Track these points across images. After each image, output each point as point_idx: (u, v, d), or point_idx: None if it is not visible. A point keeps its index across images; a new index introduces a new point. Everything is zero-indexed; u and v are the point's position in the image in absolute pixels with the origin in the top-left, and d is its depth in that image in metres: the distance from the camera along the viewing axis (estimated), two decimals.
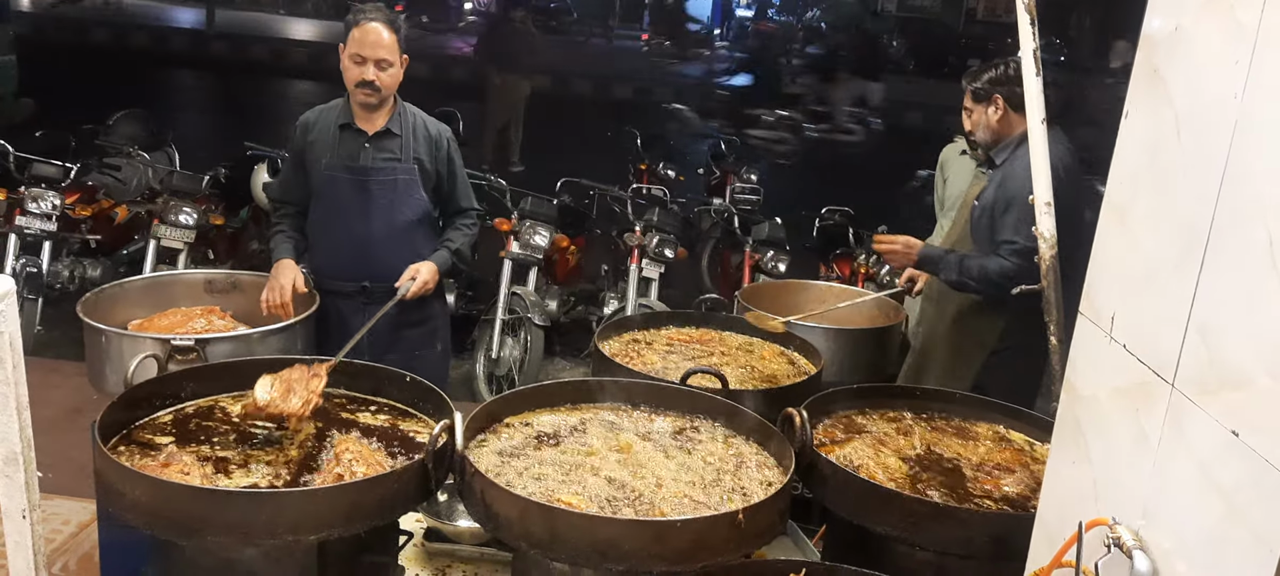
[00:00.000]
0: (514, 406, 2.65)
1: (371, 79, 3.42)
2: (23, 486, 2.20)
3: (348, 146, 3.56)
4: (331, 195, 3.57)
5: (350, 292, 3.59)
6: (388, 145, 3.56)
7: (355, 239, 3.57)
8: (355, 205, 3.55)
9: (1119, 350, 1.68)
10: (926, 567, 2.29)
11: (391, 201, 3.56)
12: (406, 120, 3.59)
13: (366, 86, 3.43)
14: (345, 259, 3.59)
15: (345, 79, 3.49)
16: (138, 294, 3.52)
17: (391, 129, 3.56)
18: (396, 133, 3.56)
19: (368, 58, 3.42)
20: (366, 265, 3.57)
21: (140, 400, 2.53)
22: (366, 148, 3.55)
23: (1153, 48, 1.67)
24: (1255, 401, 1.34)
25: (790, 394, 2.88)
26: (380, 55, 3.42)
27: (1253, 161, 1.39)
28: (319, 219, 3.63)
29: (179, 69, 17.58)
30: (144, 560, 2.51)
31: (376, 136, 3.55)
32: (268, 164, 6.58)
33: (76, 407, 4.78)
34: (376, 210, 3.55)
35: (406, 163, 3.57)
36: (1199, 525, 1.45)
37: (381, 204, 3.56)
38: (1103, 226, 1.77)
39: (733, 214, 6.96)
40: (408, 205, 3.59)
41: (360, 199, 3.55)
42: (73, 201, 6.24)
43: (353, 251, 3.58)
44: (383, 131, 3.55)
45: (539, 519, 2.07)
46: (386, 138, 3.56)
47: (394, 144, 3.56)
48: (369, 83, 3.42)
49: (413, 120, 3.61)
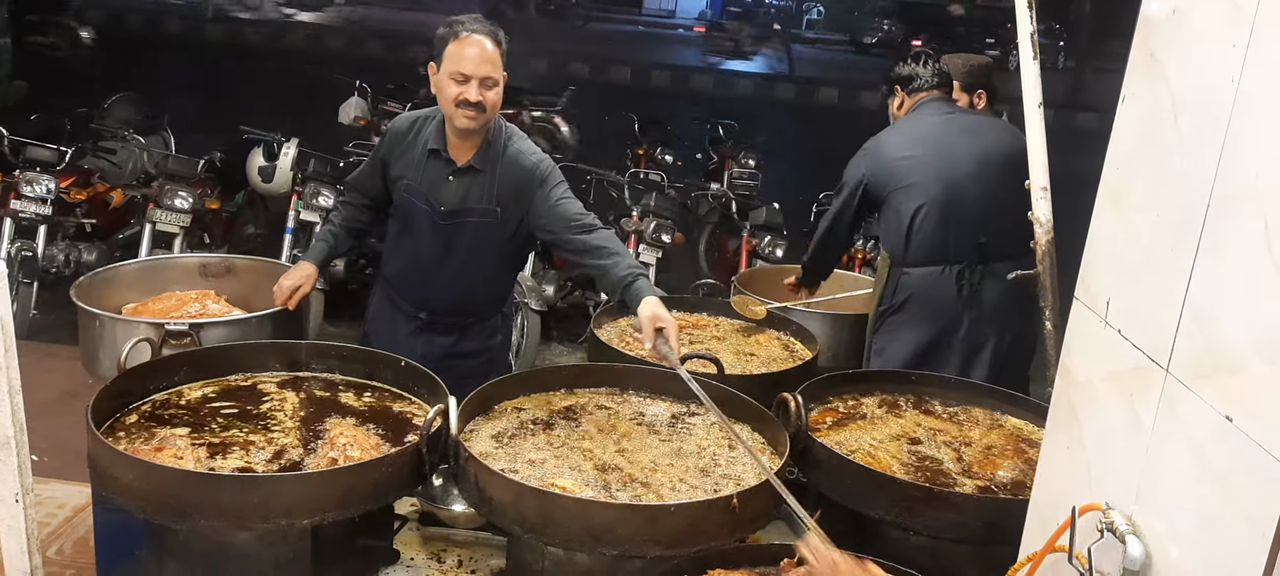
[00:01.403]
0: (509, 391, 2.65)
1: (478, 99, 3.00)
2: (15, 470, 2.19)
3: (431, 174, 3.17)
4: (406, 217, 3.24)
5: (408, 314, 3.32)
6: (471, 184, 3.14)
7: (422, 268, 3.26)
8: (426, 236, 3.21)
9: (1114, 335, 1.67)
10: (921, 552, 2.29)
11: (467, 244, 3.18)
12: (495, 153, 3.14)
13: (472, 107, 3.01)
14: (410, 283, 3.31)
15: (441, 100, 3.08)
16: (132, 278, 3.50)
17: (475, 166, 3.12)
18: (481, 169, 3.12)
19: (471, 76, 2.98)
20: (429, 296, 3.26)
21: (134, 384, 2.53)
22: (450, 181, 3.14)
23: (1150, 30, 1.66)
24: (1249, 386, 1.34)
25: (786, 379, 2.89)
26: (485, 72, 2.99)
27: (1249, 145, 1.38)
28: (393, 231, 3.35)
29: (175, 51, 17.50)
30: (138, 544, 2.51)
31: (461, 172, 3.13)
32: (263, 148, 6.56)
33: (71, 391, 4.77)
34: (447, 247, 3.19)
35: (487, 206, 3.14)
36: (1192, 510, 1.45)
37: (453, 243, 3.18)
38: (1099, 211, 1.77)
39: (730, 199, 6.95)
40: (481, 249, 3.19)
41: (431, 232, 3.19)
42: (68, 185, 6.21)
43: (418, 279, 3.29)
44: (468, 167, 3.13)
45: (533, 503, 2.07)
46: (471, 174, 3.13)
47: (478, 182, 3.13)
48: (476, 104, 3.00)
49: (505, 154, 3.15)
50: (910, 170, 3.64)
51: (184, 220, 6.04)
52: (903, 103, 3.89)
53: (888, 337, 3.70)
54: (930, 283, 3.63)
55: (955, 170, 3.61)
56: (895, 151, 3.71)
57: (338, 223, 3.44)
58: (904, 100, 3.89)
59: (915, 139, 3.72)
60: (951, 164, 3.62)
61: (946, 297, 3.62)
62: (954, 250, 3.60)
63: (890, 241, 3.72)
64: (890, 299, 3.70)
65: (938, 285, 3.62)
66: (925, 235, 3.60)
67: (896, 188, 3.65)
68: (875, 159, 3.73)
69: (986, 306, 3.62)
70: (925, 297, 3.64)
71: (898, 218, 3.64)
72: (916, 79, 3.85)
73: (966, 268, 3.59)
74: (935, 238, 3.60)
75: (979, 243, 3.56)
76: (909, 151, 3.69)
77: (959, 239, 3.59)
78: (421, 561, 2.61)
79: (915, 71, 3.85)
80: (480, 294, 3.29)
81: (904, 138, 3.75)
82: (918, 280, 3.64)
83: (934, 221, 3.59)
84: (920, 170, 3.63)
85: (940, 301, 3.62)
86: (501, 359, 3.48)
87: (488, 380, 2.93)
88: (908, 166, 3.65)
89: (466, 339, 3.29)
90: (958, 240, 3.59)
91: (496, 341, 3.42)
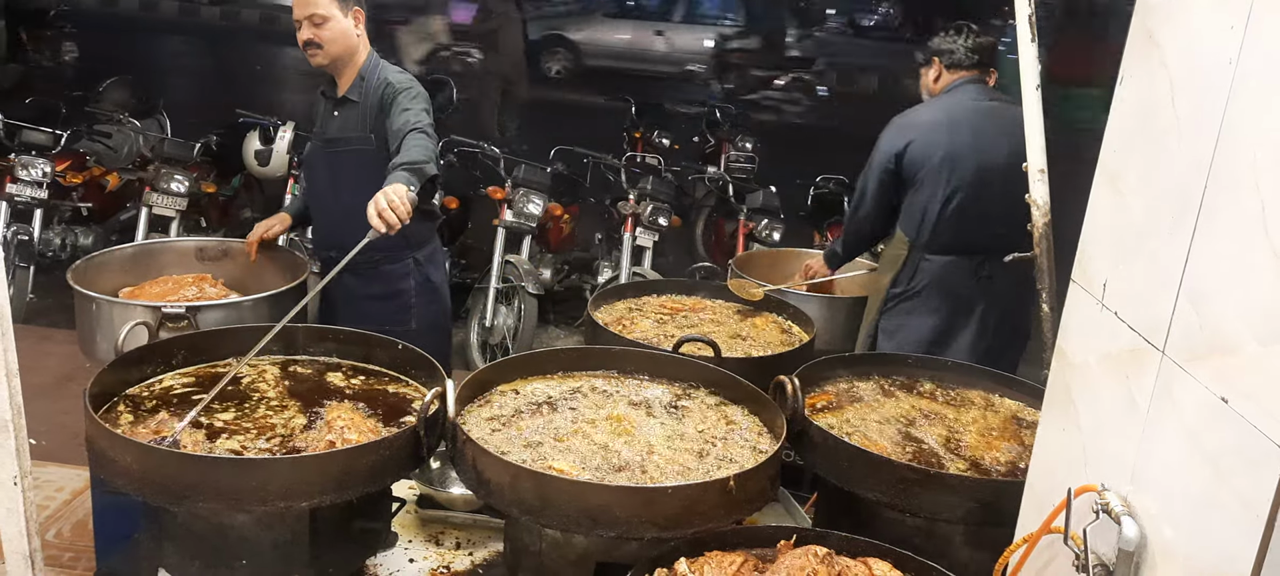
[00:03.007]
0: (506, 374, 2.65)
1: (310, 37, 3.28)
2: (14, 453, 2.20)
3: (323, 113, 3.51)
4: (309, 163, 3.61)
5: (324, 260, 3.58)
6: (348, 114, 3.41)
7: (324, 208, 3.53)
8: (323, 175, 3.50)
9: (1110, 317, 1.67)
10: (916, 533, 2.31)
11: (351, 173, 3.38)
12: (371, 84, 3.36)
13: (309, 47, 3.30)
14: (321, 227, 3.62)
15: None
16: (129, 261, 3.50)
17: (351, 97, 3.39)
18: (356, 100, 3.38)
19: (302, 18, 3.28)
20: (334, 234, 3.44)
21: (131, 367, 2.53)
22: (335, 115, 3.45)
23: (1148, 11, 1.66)
24: (1244, 368, 1.34)
25: (782, 361, 2.89)
26: (311, 11, 3.26)
27: (1247, 127, 1.38)
28: (304, 184, 3.67)
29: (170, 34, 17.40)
30: (137, 526, 2.52)
31: (340, 103, 3.42)
32: (259, 132, 6.53)
33: (68, 375, 4.78)
34: (340, 181, 3.41)
35: (361, 133, 3.37)
36: (1187, 491, 1.45)
37: (342, 175, 3.41)
38: (1095, 193, 1.77)
39: (727, 182, 6.94)
40: (370, 178, 3.16)
41: (325, 169, 3.48)
42: (63, 169, 6.20)
43: (325, 220, 3.57)
44: (344, 99, 3.41)
45: (531, 485, 2.08)
46: (347, 105, 3.41)
47: (354, 112, 3.39)
48: (309, 43, 3.29)
49: (375, 83, 3.36)
50: (946, 155, 3.54)
51: (180, 204, 6.03)
52: (939, 76, 3.74)
53: (901, 320, 3.65)
54: (950, 270, 3.58)
55: (991, 161, 3.48)
56: (932, 133, 3.58)
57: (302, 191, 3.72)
58: (942, 74, 3.73)
59: (954, 123, 3.59)
60: (988, 154, 3.50)
61: (965, 285, 3.58)
62: (978, 241, 3.55)
63: (912, 223, 3.63)
64: (907, 282, 3.64)
65: (956, 272, 3.58)
66: (953, 223, 3.55)
67: (928, 170, 3.55)
68: (910, 136, 3.60)
69: (998, 294, 3.59)
70: (944, 284, 3.59)
71: (926, 201, 3.57)
72: (955, 54, 3.68)
73: (986, 258, 3.55)
74: (962, 227, 3.55)
75: (997, 233, 3.47)
76: (947, 135, 3.56)
77: (983, 230, 3.53)
78: (419, 543, 2.63)
79: (956, 45, 3.68)
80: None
81: (942, 118, 3.62)
82: (938, 267, 3.59)
83: (965, 211, 3.53)
84: (957, 157, 3.53)
85: (957, 288, 3.59)
86: (422, 309, 3.54)
87: (401, 326, 3.23)
88: (944, 151, 3.54)
89: (376, 281, 3.42)
90: (982, 231, 3.54)
91: (409, 286, 3.53)
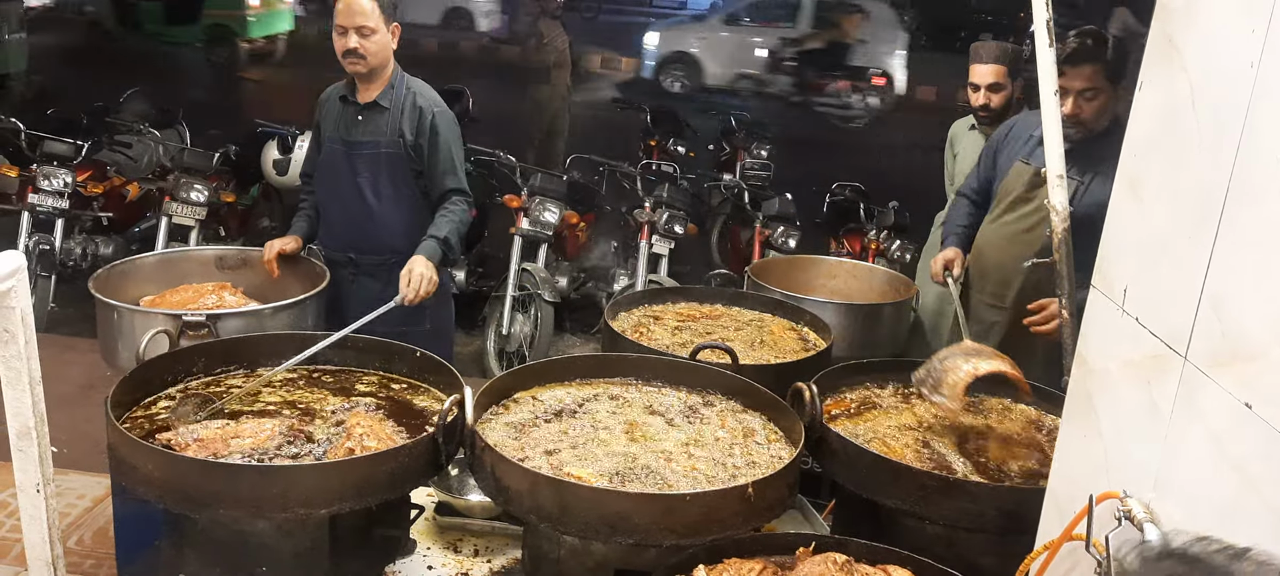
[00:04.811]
0: (524, 381, 2.66)
1: (355, 47, 3.47)
2: (36, 460, 2.22)
3: (345, 118, 3.64)
4: (328, 166, 3.69)
5: (342, 263, 3.68)
6: (377, 119, 3.60)
7: (345, 210, 3.67)
8: (346, 177, 3.64)
9: (1131, 322, 1.66)
10: (936, 541, 2.29)
11: (376, 176, 3.61)
12: (399, 94, 3.60)
13: (351, 55, 3.49)
14: (338, 230, 3.72)
15: (337, 54, 3.55)
16: (149, 270, 3.54)
17: (381, 103, 3.59)
18: (386, 106, 3.59)
19: (349, 27, 3.47)
20: (354, 237, 3.67)
21: (152, 375, 2.55)
22: (359, 120, 3.61)
23: (1168, 16, 1.65)
24: (1268, 373, 1.33)
25: (800, 369, 2.88)
26: (360, 22, 3.46)
27: (1269, 132, 1.37)
28: (319, 188, 3.75)
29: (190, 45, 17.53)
30: (158, 533, 2.53)
31: (367, 109, 3.60)
32: (278, 141, 6.58)
33: (90, 383, 4.81)
34: (364, 183, 3.61)
35: (391, 138, 3.59)
36: (1211, 497, 1.44)
37: (367, 178, 3.61)
38: (1116, 198, 1.76)
39: (743, 189, 6.93)
40: (394, 181, 3.62)
41: (349, 171, 3.63)
42: (84, 179, 6.25)
43: (344, 222, 3.69)
44: (372, 104, 3.59)
45: (549, 492, 2.08)
46: (376, 111, 3.60)
47: (383, 118, 3.59)
48: (352, 51, 3.48)
49: (407, 95, 3.61)
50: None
51: (199, 213, 6.07)
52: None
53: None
54: None
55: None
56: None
57: (309, 205, 3.79)
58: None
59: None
60: None
61: None
62: None
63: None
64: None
65: None
66: None
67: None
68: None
69: None
70: None
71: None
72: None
73: None
74: None
75: None
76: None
77: None
78: (437, 551, 2.63)
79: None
80: (399, 231, 3.62)
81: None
82: None
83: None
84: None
85: None
86: (435, 310, 3.67)
87: (416, 326, 3.40)
88: None
89: (395, 283, 3.45)
90: None
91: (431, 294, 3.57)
